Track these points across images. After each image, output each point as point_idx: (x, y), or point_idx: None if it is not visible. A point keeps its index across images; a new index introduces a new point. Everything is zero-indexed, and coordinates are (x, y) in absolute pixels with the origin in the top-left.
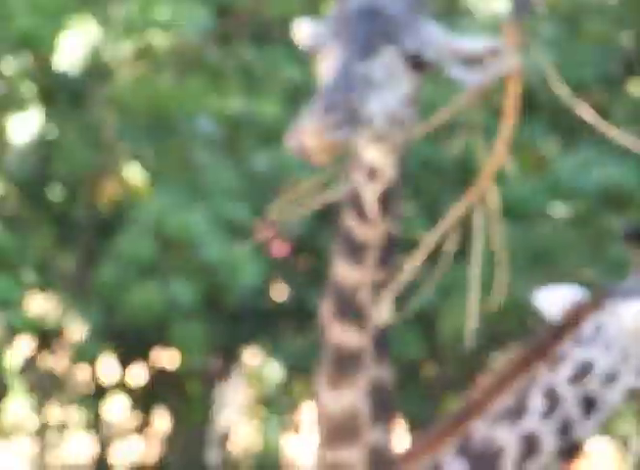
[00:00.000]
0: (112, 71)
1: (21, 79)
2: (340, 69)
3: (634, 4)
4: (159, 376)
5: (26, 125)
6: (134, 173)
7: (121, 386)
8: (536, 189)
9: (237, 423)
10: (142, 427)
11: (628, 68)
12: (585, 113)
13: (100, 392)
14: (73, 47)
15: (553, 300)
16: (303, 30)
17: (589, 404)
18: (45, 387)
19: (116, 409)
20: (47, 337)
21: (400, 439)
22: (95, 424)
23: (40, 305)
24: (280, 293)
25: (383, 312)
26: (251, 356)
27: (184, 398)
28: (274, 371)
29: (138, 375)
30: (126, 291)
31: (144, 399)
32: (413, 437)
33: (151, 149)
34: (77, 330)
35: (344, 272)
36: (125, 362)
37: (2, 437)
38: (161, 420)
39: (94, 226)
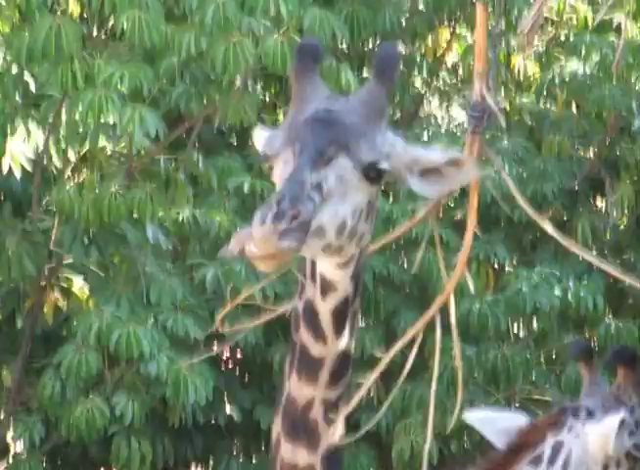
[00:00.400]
0: (56, 177)
1: None
2: (291, 177)
3: (595, 118)
4: None
5: None
6: (78, 283)
7: None
8: (495, 306)
9: None
10: None
11: (591, 181)
12: (546, 227)
13: None
14: (17, 152)
15: (485, 421)
16: (259, 137)
17: None
18: None
19: None
20: None
21: None
22: None
23: None
24: (229, 408)
25: (335, 432)
26: None
27: None
28: None
29: None
30: (69, 405)
31: None
32: None
33: (96, 258)
34: (17, 445)
35: (297, 388)
36: None
37: None
38: None
39: (37, 337)
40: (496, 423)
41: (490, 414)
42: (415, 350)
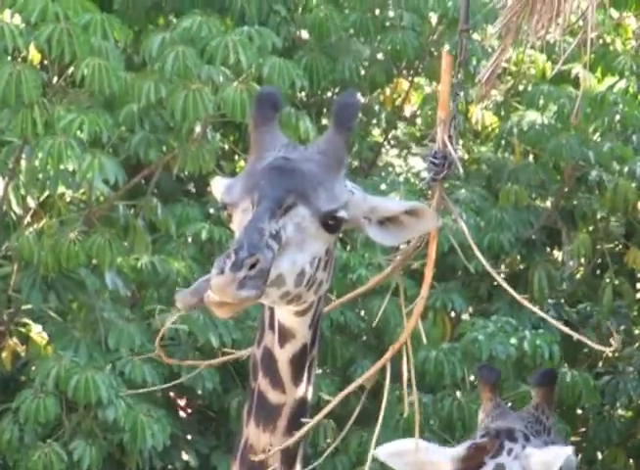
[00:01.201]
0: (16, 223)
1: None
2: (250, 225)
3: (553, 168)
4: None
5: None
6: (37, 329)
7: None
8: (451, 354)
9: None
10: None
11: (548, 231)
12: (498, 279)
13: None
14: None
15: (393, 453)
16: (218, 186)
17: None
18: None
19: None
20: None
21: None
22: None
23: None
24: (186, 454)
25: None
26: None
27: None
28: None
29: None
30: (26, 450)
31: None
32: None
33: (55, 304)
34: None
35: (255, 435)
36: None
37: None
38: None
39: None
40: (404, 456)
41: (399, 447)
42: (364, 396)
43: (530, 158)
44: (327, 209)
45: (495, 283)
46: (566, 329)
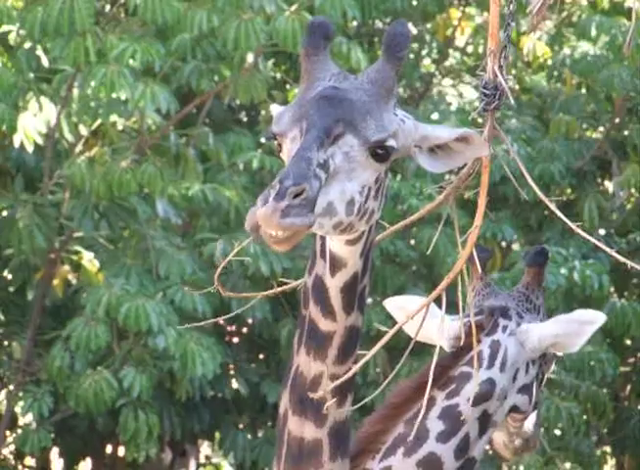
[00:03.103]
0: (68, 151)
1: None
2: (298, 155)
3: (604, 99)
4: (109, 469)
5: None
6: (88, 257)
7: None
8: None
9: None
10: None
11: (599, 162)
12: (553, 208)
13: None
14: (29, 126)
15: (400, 305)
16: (274, 114)
17: (486, 422)
18: None
19: None
20: None
21: None
22: None
23: None
24: (236, 383)
25: (343, 406)
26: (204, 449)
27: None
28: (227, 465)
29: (86, 467)
30: (77, 377)
31: None
32: None
33: (106, 232)
34: (26, 417)
35: (305, 363)
36: (73, 453)
37: None
38: None
39: (46, 310)
40: (398, 305)
41: (408, 304)
42: (422, 326)
43: (582, 89)
44: (376, 138)
45: (546, 213)
46: (619, 256)
